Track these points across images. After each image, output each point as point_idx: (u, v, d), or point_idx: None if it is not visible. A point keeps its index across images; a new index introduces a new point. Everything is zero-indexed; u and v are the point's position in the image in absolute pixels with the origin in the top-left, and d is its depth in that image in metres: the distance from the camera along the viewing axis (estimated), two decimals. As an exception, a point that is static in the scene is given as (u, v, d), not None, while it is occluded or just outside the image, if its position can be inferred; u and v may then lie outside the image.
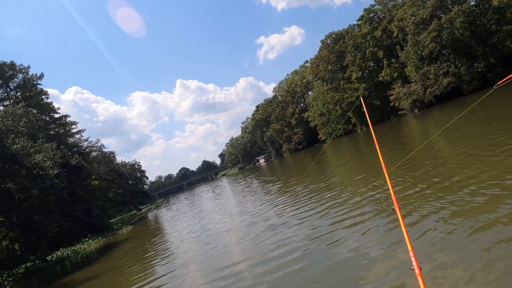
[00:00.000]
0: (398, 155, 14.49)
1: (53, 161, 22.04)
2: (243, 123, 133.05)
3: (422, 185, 8.06)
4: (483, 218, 5.07)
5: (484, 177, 6.96)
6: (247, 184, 33.20)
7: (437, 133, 12.28)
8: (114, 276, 12.18)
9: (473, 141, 11.11)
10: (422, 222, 5.83)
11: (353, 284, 4.70)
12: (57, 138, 36.85)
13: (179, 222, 22.74)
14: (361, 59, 59.10)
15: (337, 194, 10.89)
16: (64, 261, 21.06)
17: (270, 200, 15.07)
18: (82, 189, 35.46)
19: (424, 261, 4.39)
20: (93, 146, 56.40)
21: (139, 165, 74.01)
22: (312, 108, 75.09)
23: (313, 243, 6.81)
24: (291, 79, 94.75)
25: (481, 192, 6.22)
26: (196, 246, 11.48)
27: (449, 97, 43.31)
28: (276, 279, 5.81)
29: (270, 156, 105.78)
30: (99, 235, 29.89)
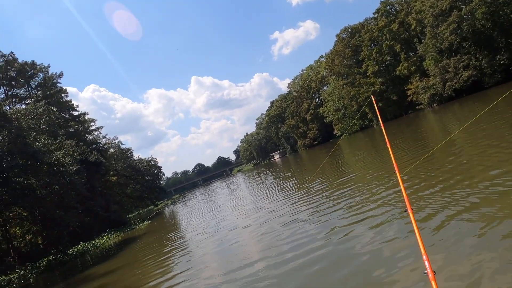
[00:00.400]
0: (415, 153, 14.18)
1: (73, 157, 22.64)
2: (257, 119, 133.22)
3: (439, 184, 7.85)
4: (502, 219, 4.87)
5: (505, 176, 6.71)
6: (262, 180, 33.23)
7: (458, 131, 11.93)
8: (132, 270, 12.44)
9: (494, 137, 10.74)
10: (438, 223, 5.67)
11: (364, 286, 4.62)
12: (76, 135, 37.82)
13: (195, 217, 23.00)
14: (378, 53, 58.01)
15: (352, 192, 10.74)
16: (84, 255, 21.65)
17: (285, 197, 15.03)
18: (100, 185, 36.30)
19: (438, 264, 4.28)
20: (111, 142, 57.67)
21: (155, 161, 75.29)
22: (327, 103, 74.32)
23: (328, 243, 6.74)
24: (306, 74, 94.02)
25: (500, 191, 6.01)
26: (212, 243, 11.58)
27: (469, 90, 42.05)
28: (292, 277, 5.80)
29: (285, 152, 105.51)
30: (118, 230, 30.55)
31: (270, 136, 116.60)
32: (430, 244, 5.03)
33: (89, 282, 13.05)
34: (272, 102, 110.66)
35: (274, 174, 35.42)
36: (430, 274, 1.70)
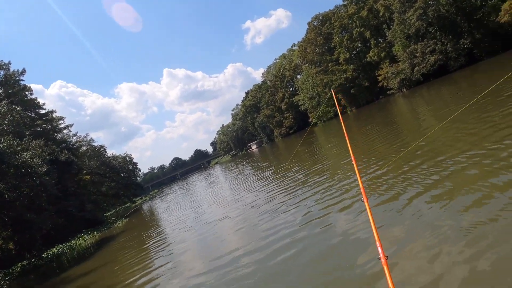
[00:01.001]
0: (386, 138, 14.63)
1: (42, 158, 21.70)
2: (233, 110, 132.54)
3: (400, 169, 8.16)
4: (456, 204, 5.14)
5: (462, 159, 7.06)
6: (239, 171, 33.28)
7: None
8: (112, 269, 12.21)
9: (459, 120, 11.24)
10: (393, 209, 6.00)
11: (320, 274, 4.86)
12: (44, 134, 36.23)
13: (174, 212, 22.79)
14: (349, 40, 58.86)
15: (326, 179, 10.97)
16: (60, 257, 21.00)
17: (263, 186, 15.15)
18: (73, 184, 35.12)
19: (391, 249, 4.55)
20: (82, 140, 55.64)
21: (130, 157, 73.50)
22: (302, 91, 74.94)
23: (303, 231, 6.90)
24: (279, 63, 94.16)
25: (457, 174, 6.40)
26: (191, 236, 11.54)
27: (436, 74, 43.63)
28: (272, 265, 5.90)
29: (262, 142, 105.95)
30: (94, 230, 29.81)
31: (246, 127, 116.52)
32: (386, 229, 5.35)
33: (66, 284, 12.71)
34: (247, 93, 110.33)
35: (251, 165, 35.54)
36: (382, 259, 1.78)
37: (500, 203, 4.52)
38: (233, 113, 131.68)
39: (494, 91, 13.58)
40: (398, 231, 5.16)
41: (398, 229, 5.21)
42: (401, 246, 4.63)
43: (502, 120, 8.78)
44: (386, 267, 1.71)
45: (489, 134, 8.00)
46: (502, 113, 9.46)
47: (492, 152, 6.67)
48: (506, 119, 8.75)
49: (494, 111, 10.19)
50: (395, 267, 4.11)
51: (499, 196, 4.75)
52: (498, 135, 7.64)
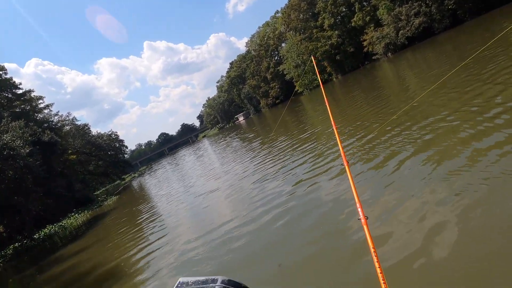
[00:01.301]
0: (372, 104, 14.68)
1: (23, 139, 21.10)
2: (218, 82, 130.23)
3: (385, 134, 8.25)
4: (441, 167, 5.25)
5: (447, 122, 7.14)
6: (227, 143, 33.26)
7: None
8: (105, 245, 12.32)
9: (444, 83, 11.29)
10: (377, 173, 6.18)
11: (306, 240, 5.01)
12: (23, 115, 35.11)
13: (164, 187, 22.84)
14: (333, 5, 57.45)
15: (313, 147, 11.05)
16: (52, 237, 21.05)
17: (251, 157, 15.20)
18: (59, 165, 34.61)
19: (373, 211, 4.72)
20: (64, 120, 54.29)
21: (116, 135, 72.53)
22: (287, 60, 73.81)
23: (293, 198, 7.04)
24: (263, 31, 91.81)
25: (438, 133, 6.56)
26: (183, 209, 11.62)
27: (421, 37, 43.38)
28: (262, 232, 6.02)
29: (249, 113, 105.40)
30: (85, 209, 29.80)
31: (232, 99, 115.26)
32: (367, 191, 5.56)
33: (61, 262, 12.81)
34: (232, 63, 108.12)
35: (239, 136, 35.51)
36: (362, 219, 1.81)
37: (486, 163, 4.63)
38: (218, 85, 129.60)
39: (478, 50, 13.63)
40: (380, 193, 5.30)
41: (381, 191, 5.35)
42: (383, 208, 4.77)
43: (486, 82, 8.85)
44: (366, 227, 1.75)
45: (472, 97, 8.09)
46: (485, 75, 9.54)
47: (476, 114, 6.76)
48: (489, 80, 8.83)
49: (477, 74, 10.26)
50: (376, 228, 4.25)
51: (485, 155, 4.85)
52: (482, 97, 7.73)
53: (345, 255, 4.11)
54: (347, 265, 3.91)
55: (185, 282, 0.87)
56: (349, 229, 4.64)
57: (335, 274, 3.88)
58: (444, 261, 3.17)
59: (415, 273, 3.19)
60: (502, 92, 7.26)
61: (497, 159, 4.48)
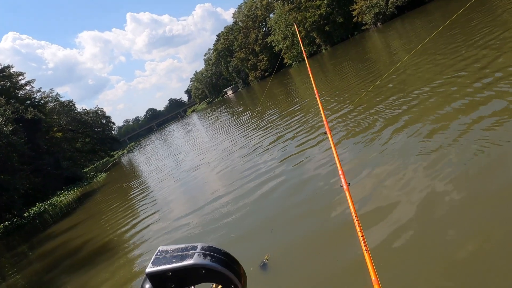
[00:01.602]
0: (359, 75, 14.62)
1: (6, 117, 20.49)
2: (205, 55, 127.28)
3: (369, 103, 8.27)
4: (420, 132, 5.38)
5: (428, 89, 7.17)
6: (216, 118, 33.02)
7: (409, 54, 12.36)
8: (97, 221, 12.37)
9: (429, 51, 11.24)
10: (360, 141, 6.37)
11: (292, 207, 5.20)
12: (4, 92, 33.96)
13: (153, 162, 22.77)
14: (322, -27, 55.76)
15: (298, 119, 11.08)
16: (43, 215, 21.02)
17: (241, 131, 15.15)
18: (45, 142, 33.99)
19: (356, 177, 4.92)
20: (47, 96, 52.70)
21: (102, 111, 71.05)
22: (275, 31, 72.21)
23: (282, 171, 7.07)
24: (250, 1, 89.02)
25: (419, 102, 6.64)
26: (175, 184, 11.64)
27: (410, 6, 42.77)
28: (251, 202, 6.12)
29: (238, 87, 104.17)
30: (74, 186, 29.66)
31: (220, 72, 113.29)
32: (349, 158, 5.80)
33: (53, 239, 12.88)
34: (219, 36, 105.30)
35: (228, 110, 35.22)
36: (344, 185, 1.83)
37: (460, 127, 4.70)
38: (206, 58, 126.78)
39: (467, 19, 13.53)
40: (362, 160, 5.51)
41: (363, 158, 5.55)
42: (365, 173, 4.95)
43: (466, 50, 8.85)
44: (348, 193, 1.77)
45: (454, 64, 8.11)
46: (467, 44, 9.52)
47: (455, 80, 6.80)
48: (470, 48, 8.82)
49: (461, 41, 10.23)
50: (357, 193, 4.41)
51: (461, 120, 4.92)
52: (462, 64, 7.74)
53: (330, 225, 4.22)
54: (333, 233, 4.02)
55: (165, 250, 0.85)
56: (334, 197, 4.76)
57: (320, 239, 4.02)
58: (430, 235, 3.20)
59: (399, 244, 3.26)
60: (486, 58, 7.27)
61: (486, 128, 4.53)
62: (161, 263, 0.78)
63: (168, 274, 0.77)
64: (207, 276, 0.78)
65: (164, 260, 0.79)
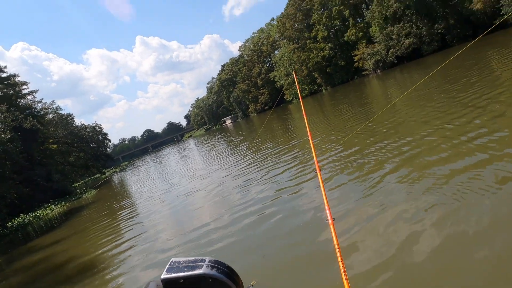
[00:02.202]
0: (356, 117, 15.07)
1: (5, 124, 20.57)
2: (208, 83, 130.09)
3: (362, 146, 8.56)
4: (408, 178, 5.66)
5: (417, 139, 7.49)
6: (213, 145, 33.26)
7: (398, 98, 12.79)
8: (81, 239, 12.14)
9: (425, 102, 11.74)
10: (349, 181, 6.67)
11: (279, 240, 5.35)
12: (6, 99, 34.26)
13: (145, 184, 22.64)
14: (327, 18, 58.53)
15: (298, 155, 11.29)
16: (26, 227, 20.53)
17: (236, 161, 15.32)
18: (39, 153, 33.80)
19: (338, 214, 5.18)
20: (48, 108, 53.06)
21: (100, 127, 71.23)
22: (279, 68, 74.55)
23: (274, 204, 7.20)
24: (257, 37, 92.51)
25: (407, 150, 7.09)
26: (164, 208, 11.60)
27: (409, 57, 44.71)
28: (244, 236, 6.15)
29: (237, 117, 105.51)
30: (62, 200, 29.16)
31: (221, 101, 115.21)
32: (335, 197, 6.07)
33: (34, 253, 12.55)
34: (223, 66, 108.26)
35: (225, 139, 35.55)
36: (330, 220, 2.00)
37: (445, 175, 4.92)
38: (209, 87, 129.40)
39: (464, 76, 14.23)
40: (349, 198, 5.80)
41: (350, 197, 5.84)
42: (350, 211, 5.24)
43: (467, 105, 9.30)
44: (333, 228, 1.93)
45: (444, 116, 8.49)
46: (466, 99, 10.00)
47: (444, 131, 7.13)
48: (470, 104, 9.27)
49: (458, 98, 10.74)
50: (342, 227, 4.68)
51: (445, 168, 5.15)
52: (452, 117, 8.12)
53: (315, 255, 4.42)
54: (317, 263, 4.20)
55: (177, 261, 1.01)
56: (320, 230, 4.98)
57: (306, 267, 4.23)
58: (407, 276, 3.37)
59: (378, 279, 3.43)
60: (475, 115, 7.66)
61: (470, 178, 4.76)
62: (174, 271, 0.96)
63: (180, 281, 0.93)
64: (213, 285, 0.95)
65: (177, 269, 0.96)
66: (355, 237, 4.39)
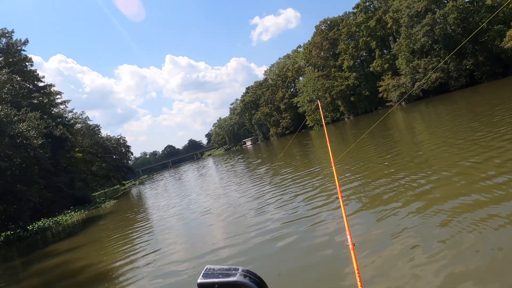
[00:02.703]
0: (378, 148, 14.93)
1: (38, 130, 21.64)
2: (232, 104, 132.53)
3: (385, 177, 8.46)
4: (430, 212, 5.62)
5: (436, 171, 7.37)
6: (232, 165, 33.48)
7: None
8: (96, 248, 12.34)
9: (447, 138, 11.55)
10: (365, 208, 6.83)
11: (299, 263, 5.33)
12: (40, 107, 36.06)
13: (163, 199, 22.92)
14: (354, 48, 59.15)
15: (313, 180, 11.27)
16: (45, 231, 21.07)
17: (254, 183, 15.36)
18: (65, 160, 35.06)
19: (359, 239, 5.25)
20: (77, 118, 55.45)
21: (124, 140, 73.25)
22: (302, 93, 75.21)
23: (292, 231, 7.13)
24: (282, 63, 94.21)
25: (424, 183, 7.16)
26: (179, 225, 11.69)
27: (436, 91, 44.15)
28: (260, 254, 6.17)
29: (257, 139, 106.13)
30: (82, 208, 29.85)
31: (243, 122, 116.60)
32: (356, 222, 6.15)
33: (50, 258, 12.83)
34: (248, 88, 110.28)
35: (244, 160, 35.75)
36: (350, 245, 2.04)
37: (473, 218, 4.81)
38: (232, 107, 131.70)
39: (491, 113, 13.93)
40: (371, 227, 5.81)
41: (372, 226, 5.85)
42: (369, 239, 5.28)
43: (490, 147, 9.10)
44: (353, 252, 1.97)
45: (474, 155, 8.31)
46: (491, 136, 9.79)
47: (473, 170, 6.97)
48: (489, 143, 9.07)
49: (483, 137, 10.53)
50: (362, 255, 4.69)
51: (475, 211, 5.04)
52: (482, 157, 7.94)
53: (331, 278, 4.47)
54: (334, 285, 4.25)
55: (212, 268, 1.11)
56: (339, 254, 5.06)
57: None
58: None
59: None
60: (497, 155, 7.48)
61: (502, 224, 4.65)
62: (210, 277, 1.06)
63: (215, 286, 1.04)
64: None
65: (212, 275, 1.07)
66: (374, 264, 4.40)
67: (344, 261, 4.71)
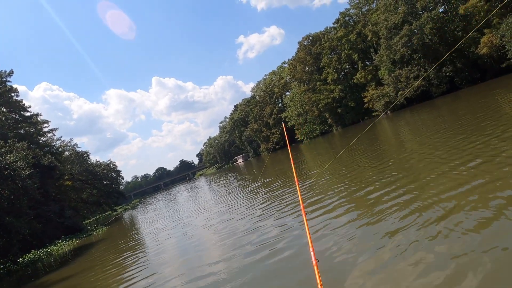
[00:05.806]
0: (370, 158, 15.25)
1: (25, 161, 21.42)
2: (221, 123, 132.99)
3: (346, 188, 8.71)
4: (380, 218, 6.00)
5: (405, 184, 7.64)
6: (224, 184, 33.45)
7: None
8: (89, 277, 12.14)
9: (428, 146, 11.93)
10: (330, 225, 7.02)
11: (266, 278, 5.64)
12: (27, 137, 35.75)
13: (155, 223, 22.71)
14: (337, 61, 60.62)
15: (306, 197, 11.42)
16: (36, 263, 20.57)
17: (247, 201, 15.45)
18: (54, 189, 34.53)
19: (322, 255, 5.39)
20: (66, 145, 54.91)
21: (114, 164, 72.60)
22: (290, 108, 76.21)
23: (287, 247, 7.28)
24: (269, 79, 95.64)
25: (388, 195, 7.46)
26: (173, 248, 11.64)
27: (419, 99, 45.37)
28: (255, 279, 6.20)
29: (248, 156, 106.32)
30: (73, 237, 29.26)
31: (233, 140, 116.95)
32: (319, 238, 6.34)
33: (43, 290, 12.57)
34: (236, 106, 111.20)
35: (236, 178, 35.76)
36: (314, 261, 2.15)
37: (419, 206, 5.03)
38: (221, 126, 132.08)
39: (473, 118, 14.43)
40: (333, 241, 6.01)
41: (333, 240, 6.06)
42: (333, 253, 5.44)
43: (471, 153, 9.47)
44: (316, 268, 2.06)
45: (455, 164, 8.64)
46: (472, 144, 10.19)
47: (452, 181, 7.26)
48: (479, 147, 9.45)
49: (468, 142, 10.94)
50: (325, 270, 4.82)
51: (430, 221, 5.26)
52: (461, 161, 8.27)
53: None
54: None
55: None
56: (304, 271, 5.19)
57: None
58: None
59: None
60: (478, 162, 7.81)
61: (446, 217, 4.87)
62: None
63: None
64: None
65: None
66: (339, 278, 4.54)
67: (309, 276, 4.78)
